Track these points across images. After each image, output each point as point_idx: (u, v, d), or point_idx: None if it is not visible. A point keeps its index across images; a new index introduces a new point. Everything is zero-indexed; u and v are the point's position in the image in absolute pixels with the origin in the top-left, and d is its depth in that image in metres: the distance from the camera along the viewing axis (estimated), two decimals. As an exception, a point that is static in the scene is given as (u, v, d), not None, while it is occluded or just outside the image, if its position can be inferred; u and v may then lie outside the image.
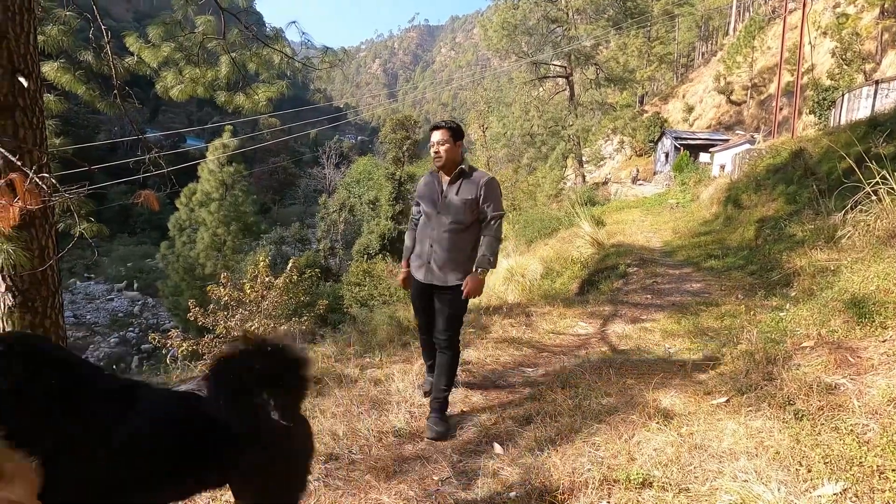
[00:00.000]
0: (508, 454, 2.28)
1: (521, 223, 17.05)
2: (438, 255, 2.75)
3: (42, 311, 3.61)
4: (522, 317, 4.81)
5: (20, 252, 3.31)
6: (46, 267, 3.62)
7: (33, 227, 3.49)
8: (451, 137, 2.75)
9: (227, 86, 5.81)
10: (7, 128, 3.45)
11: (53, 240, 3.69)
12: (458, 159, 2.79)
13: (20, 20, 3.51)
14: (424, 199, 2.87)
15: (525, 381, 3.27)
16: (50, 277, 3.70)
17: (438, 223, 2.76)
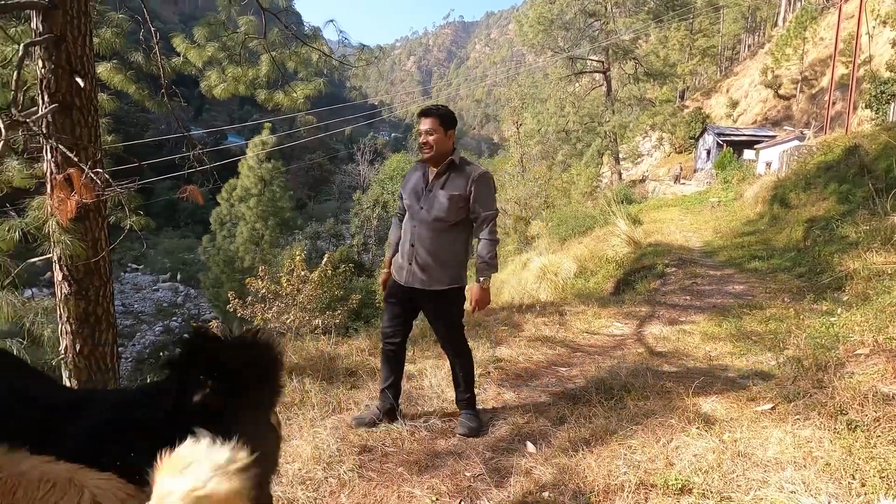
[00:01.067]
0: (542, 453, 2.26)
1: (554, 221, 16.82)
2: (421, 256, 2.49)
3: (94, 300, 3.80)
4: (556, 316, 4.75)
5: (76, 243, 3.49)
6: (99, 258, 3.81)
7: (87, 219, 3.68)
8: (440, 125, 2.47)
9: (268, 84, 5.96)
10: (65, 126, 3.64)
11: (105, 232, 3.88)
12: (448, 150, 2.51)
13: (78, 24, 3.70)
14: (407, 191, 2.60)
15: (558, 380, 3.23)
16: (102, 268, 3.89)
17: (420, 220, 2.50)
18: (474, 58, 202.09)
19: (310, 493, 2.00)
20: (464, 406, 2.64)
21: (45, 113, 3.59)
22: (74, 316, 3.74)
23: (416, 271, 2.50)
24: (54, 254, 3.61)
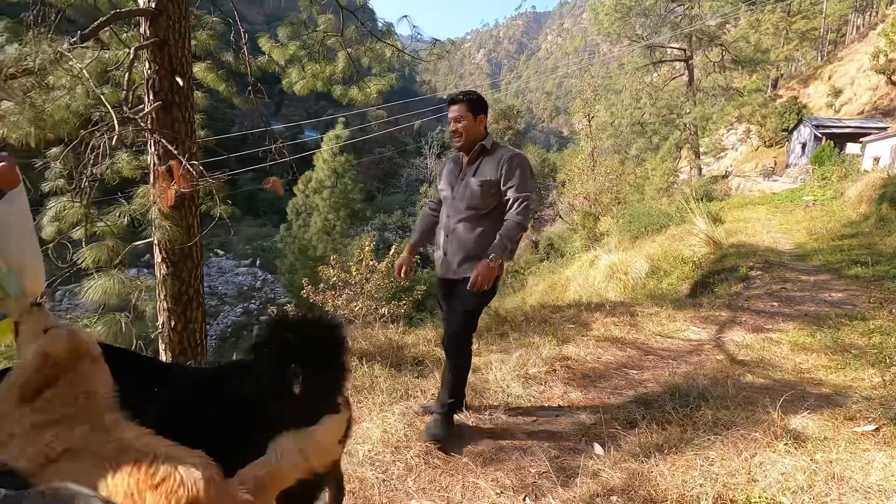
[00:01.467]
0: (610, 457, 2.19)
1: (625, 218, 16.14)
2: (453, 247, 2.42)
3: (187, 281, 4.15)
4: (627, 316, 4.57)
5: (174, 229, 3.81)
6: (193, 243, 4.15)
7: (183, 207, 4.00)
8: (469, 111, 2.39)
9: (343, 80, 6.18)
10: (166, 121, 3.98)
11: (198, 219, 4.21)
12: (479, 136, 2.42)
13: (178, 28, 4.02)
14: (443, 181, 2.54)
15: (629, 382, 3.11)
16: (195, 252, 4.23)
17: (454, 210, 2.42)
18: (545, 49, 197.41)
19: (378, 475, 2.08)
20: (439, 409, 2.43)
21: (150, 110, 3.94)
22: (170, 295, 4.09)
23: (450, 261, 2.43)
24: (155, 238, 3.97)
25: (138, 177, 4.31)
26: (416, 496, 1.97)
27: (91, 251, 3.55)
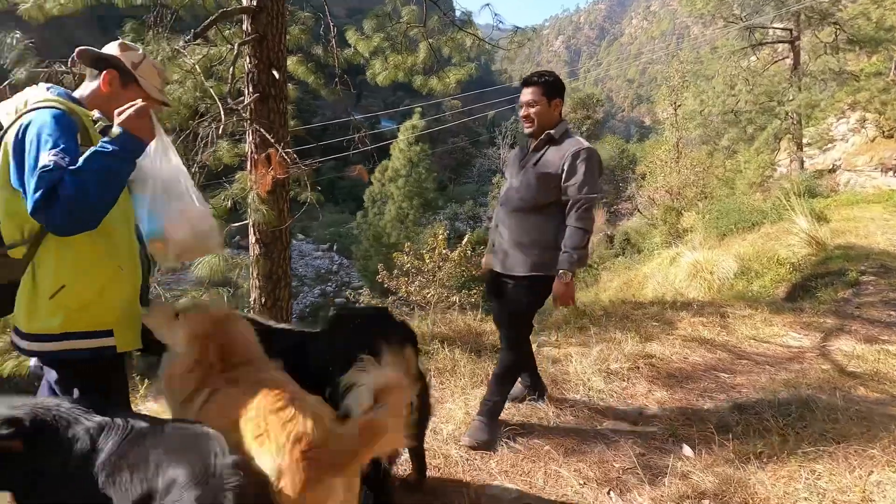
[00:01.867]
0: (701, 459, 2.09)
1: (713, 213, 15.10)
2: (505, 239, 2.27)
3: (277, 261, 4.43)
4: (716, 317, 4.30)
5: (269, 212, 4.08)
6: (283, 226, 4.43)
7: (276, 192, 4.27)
8: (543, 95, 2.18)
9: (423, 70, 6.27)
10: (263, 112, 4.26)
11: (288, 204, 4.49)
12: (551, 123, 2.20)
13: (276, 24, 4.27)
14: (508, 168, 2.39)
15: (719, 386, 2.94)
16: (284, 235, 4.51)
17: (509, 200, 2.27)
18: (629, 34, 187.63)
19: (462, 454, 2.13)
20: (483, 412, 2.31)
21: (249, 101, 4.23)
22: (262, 273, 4.40)
23: (499, 254, 2.29)
24: (251, 220, 4.27)
25: (236, 164, 4.66)
26: (499, 478, 2.00)
27: (200, 231, 3.88)
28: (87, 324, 1.46)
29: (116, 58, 1.61)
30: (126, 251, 1.57)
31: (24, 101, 1.48)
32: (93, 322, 1.47)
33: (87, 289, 1.45)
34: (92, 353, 1.47)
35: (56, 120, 1.39)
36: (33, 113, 1.41)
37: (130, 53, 1.64)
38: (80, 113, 1.50)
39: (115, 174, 1.39)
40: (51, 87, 1.57)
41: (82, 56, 1.66)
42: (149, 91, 1.64)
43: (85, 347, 1.45)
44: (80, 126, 1.46)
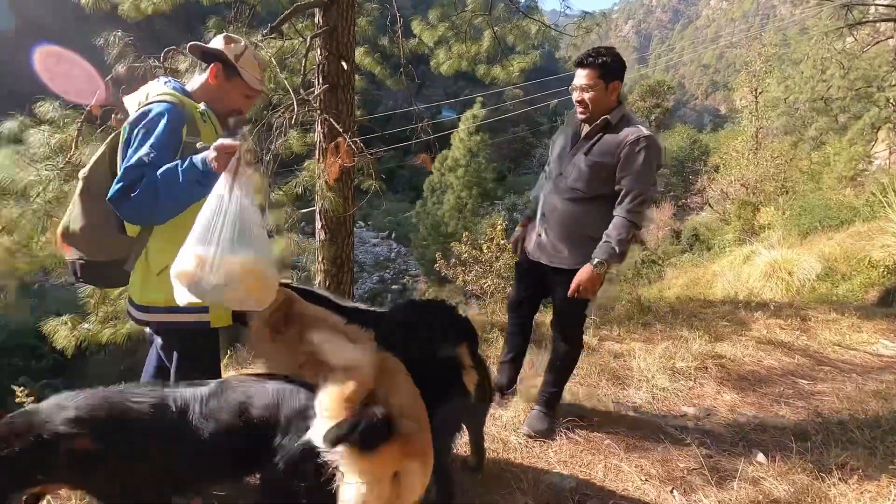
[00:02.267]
0: (775, 467, 1.98)
1: (794, 209, 14.00)
2: (551, 229, 2.14)
3: (341, 246, 4.60)
4: (795, 320, 4.01)
5: (336, 200, 4.25)
6: (348, 213, 4.59)
7: (341, 180, 4.43)
8: (600, 78, 1.99)
9: (487, 59, 6.23)
10: (332, 102, 4.41)
11: (353, 192, 4.64)
12: (608, 107, 2.02)
13: (346, 16, 4.39)
14: (554, 151, 2.21)
15: (797, 392, 2.76)
16: (349, 221, 4.67)
17: (557, 187, 2.12)
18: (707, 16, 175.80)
19: (520, 441, 2.15)
20: (541, 402, 2.27)
21: (319, 92, 4.39)
22: (327, 258, 4.58)
23: (545, 244, 2.15)
24: (318, 207, 4.45)
25: (304, 153, 4.87)
26: (557, 467, 2.00)
27: (273, 216, 4.11)
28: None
29: (221, 51, 1.72)
30: None
31: (146, 94, 1.67)
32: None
33: None
34: (189, 325, 1.63)
35: (164, 115, 1.55)
36: (149, 106, 1.58)
37: (233, 46, 1.73)
38: (190, 106, 1.65)
39: (184, 190, 1.49)
40: (168, 81, 1.73)
41: (193, 50, 1.81)
42: (249, 82, 1.74)
43: (184, 321, 1.62)
44: (189, 118, 1.61)
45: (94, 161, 1.66)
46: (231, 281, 1.41)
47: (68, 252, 1.65)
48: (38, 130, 3.67)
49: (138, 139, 1.53)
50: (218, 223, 1.41)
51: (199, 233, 1.43)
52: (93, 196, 1.61)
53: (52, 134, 3.71)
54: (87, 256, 1.63)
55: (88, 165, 1.66)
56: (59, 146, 3.69)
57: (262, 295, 1.49)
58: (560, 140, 2.22)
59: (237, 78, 1.72)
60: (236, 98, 1.77)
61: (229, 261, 1.40)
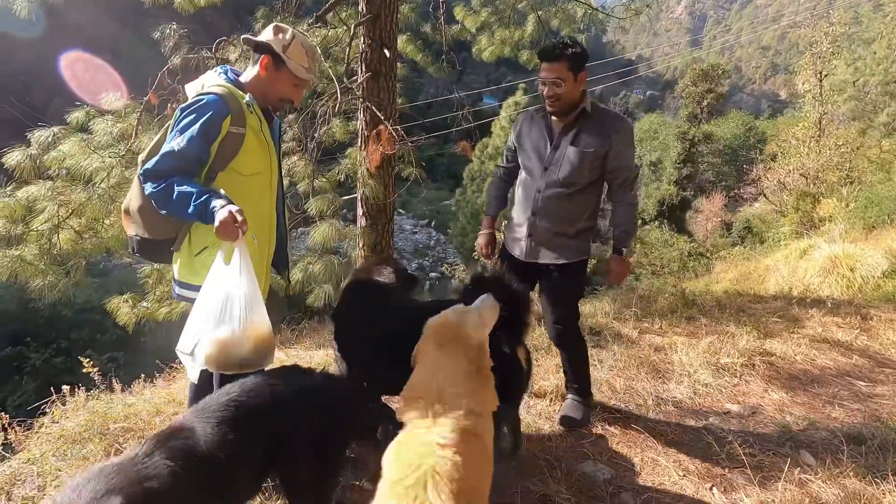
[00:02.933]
0: (824, 469, 1.89)
1: (860, 201, 13.07)
2: (545, 227, 2.13)
3: (381, 233, 4.67)
4: (855, 318, 3.78)
5: (377, 187, 4.31)
6: (389, 200, 4.64)
7: (382, 168, 4.48)
8: (569, 71, 2.00)
9: (530, 44, 6.11)
10: (374, 90, 4.44)
11: (392, 180, 4.68)
12: (577, 100, 2.05)
13: (389, 3, 4.40)
14: (527, 148, 2.16)
15: (853, 394, 2.61)
16: (389, 208, 4.73)
17: (545, 183, 2.10)
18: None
19: (555, 430, 2.15)
20: (574, 391, 2.28)
21: (362, 80, 4.44)
22: (367, 244, 4.65)
23: (540, 244, 2.15)
24: (360, 194, 4.53)
25: (347, 140, 4.94)
26: (592, 458, 1.99)
27: (317, 202, 4.22)
28: None
29: (269, 43, 1.77)
30: (264, 223, 1.81)
31: (202, 84, 1.76)
32: None
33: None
34: None
35: (209, 106, 1.64)
36: (201, 95, 1.67)
37: (281, 36, 1.77)
38: (238, 97, 1.73)
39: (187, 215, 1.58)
40: (223, 72, 1.81)
41: (247, 42, 1.88)
42: (295, 72, 1.78)
43: None
44: (236, 110, 1.68)
45: (151, 146, 1.77)
46: (260, 348, 1.56)
47: (128, 228, 1.78)
48: (102, 120, 3.91)
49: (182, 124, 1.64)
50: (232, 301, 1.54)
51: (214, 316, 1.54)
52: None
53: (114, 123, 3.94)
54: (144, 234, 1.74)
55: (146, 150, 1.77)
56: (121, 135, 3.92)
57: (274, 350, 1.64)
58: (529, 139, 2.19)
59: (284, 68, 1.77)
60: (286, 87, 1.82)
61: (253, 331, 1.54)
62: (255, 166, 1.76)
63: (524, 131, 2.23)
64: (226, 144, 1.67)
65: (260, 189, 1.80)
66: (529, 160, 2.18)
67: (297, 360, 2.64)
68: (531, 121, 2.22)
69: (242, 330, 1.52)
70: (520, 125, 2.26)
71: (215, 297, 1.56)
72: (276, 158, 1.87)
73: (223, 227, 1.50)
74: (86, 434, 1.95)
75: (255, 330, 1.56)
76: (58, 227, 3.60)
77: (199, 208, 1.55)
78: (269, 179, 1.83)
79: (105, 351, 11.71)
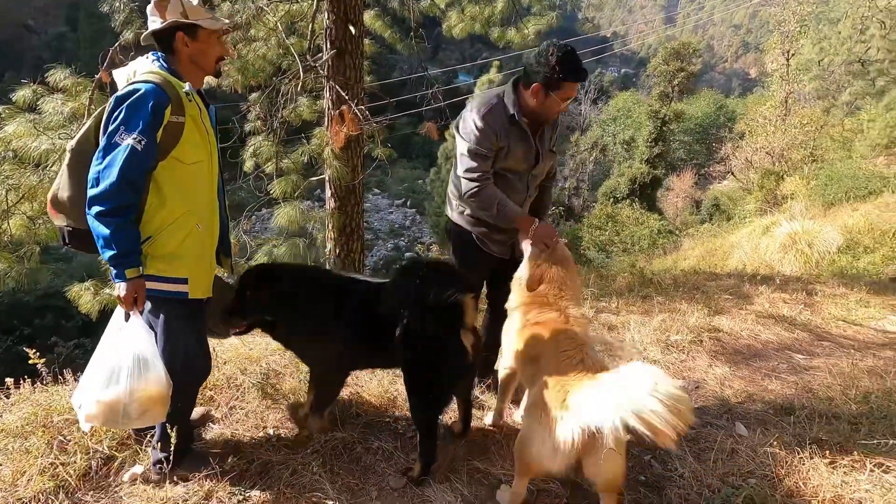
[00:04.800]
0: (754, 439, 2.02)
1: (821, 179, 13.54)
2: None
3: (350, 215, 4.63)
4: (801, 294, 3.97)
5: (343, 168, 4.25)
6: (357, 181, 4.60)
7: (349, 149, 4.42)
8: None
9: (501, 21, 6.04)
10: (339, 68, 4.35)
11: (361, 160, 4.63)
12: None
13: (353, -24, 4.27)
14: (517, 154, 2.10)
15: (791, 367, 2.77)
16: (357, 190, 4.69)
17: (531, 185, 2.21)
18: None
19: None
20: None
21: (327, 58, 4.34)
22: (336, 226, 4.62)
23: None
24: (327, 175, 4.48)
25: (315, 120, 4.85)
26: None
27: (280, 184, 4.15)
28: (165, 270, 1.71)
29: (168, 24, 1.67)
30: (206, 211, 1.79)
31: (134, 70, 1.70)
32: (170, 270, 1.71)
33: (169, 242, 1.70)
34: (169, 295, 1.73)
35: (148, 97, 1.59)
36: (136, 85, 1.61)
37: (171, 7, 1.66)
38: (176, 85, 1.67)
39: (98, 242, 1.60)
40: (156, 59, 1.73)
41: (149, 40, 1.78)
42: (211, 27, 1.72)
43: (163, 289, 1.71)
44: (174, 98, 1.63)
45: (81, 133, 1.71)
46: (147, 410, 1.62)
47: (56, 218, 1.74)
48: (51, 99, 3.73)
49: (121, 116, 1.58)
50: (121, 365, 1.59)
51: (103, 377, 1.59)
52: (79, 167, 1.67)
53: (65, 102, 3.77)
54: (76, 224, 1.70)
55: (76, 137, 1.72)
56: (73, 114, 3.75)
57: (166, 409, 1.68)
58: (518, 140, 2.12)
59: (200, 31, 1.71)
60: (212, 48, 1.77)
61: (143, 393, 1.60)
62: (196, 155, 1.73)
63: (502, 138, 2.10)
64: (167, 134, 1.63)
65: (201, 177, 1.77)
66: (518, 164, 2.16)
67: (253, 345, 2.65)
68: (503, 125, 2.09)
69: (129, 394, 1.58)
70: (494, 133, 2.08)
71: (108, 357, 1.61)
72: (215, 146, 1.84)
73: (124, 300, 1.60)
74: (28, 427, 1.94)
75: (145, 392, 1.61)
76: (8, 213, 3.47)
77: (114, 262, 1.58)
78: (210, 167, 1.80)
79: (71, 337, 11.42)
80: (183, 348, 1.77)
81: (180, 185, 1.69)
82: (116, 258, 1.58)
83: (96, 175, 1.57)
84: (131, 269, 1.60)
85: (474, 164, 2.05)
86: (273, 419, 2.16)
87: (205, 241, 1.80)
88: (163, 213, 1.69)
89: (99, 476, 1.84)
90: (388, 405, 2.29)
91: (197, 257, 1.77)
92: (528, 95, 2.06)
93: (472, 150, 2.06)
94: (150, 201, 1.67)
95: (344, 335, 1.95)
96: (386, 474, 1.89)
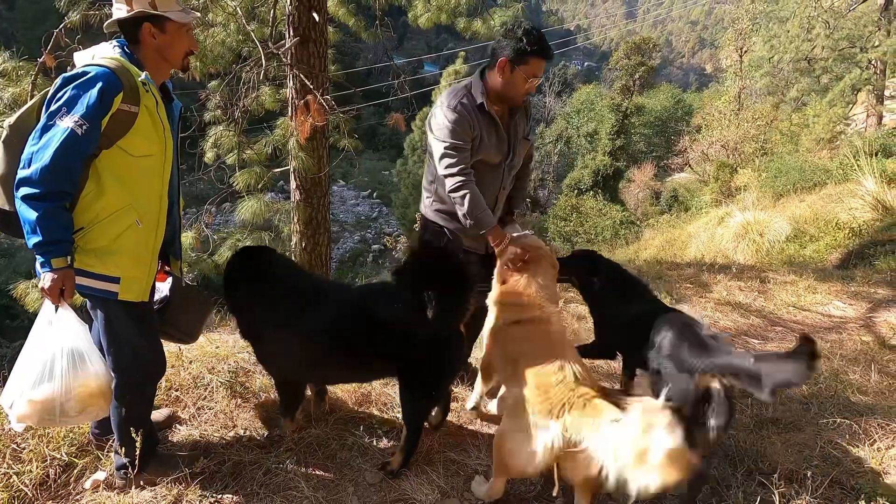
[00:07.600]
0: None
1: (771, 171, 14.21)
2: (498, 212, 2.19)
3: (317, 207, 4.55)
4: (755, 282, 4.17)
5: (308, 159, 4.15)
6: (323, 173, 4.51)
7: (315, 139, 4.32)
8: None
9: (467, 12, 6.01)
10: (303, 56, 4.23)
11: (327, 151, 4.54)
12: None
13: (316, -39, 4.15)
14: (490, 146, 2.05)
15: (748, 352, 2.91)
16: (324, 181, 4.60)
17: (506, 177, 2.17)
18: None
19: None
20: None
21: (290, 45, 4.21)
22: (302, 219, 4.52)
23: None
24: (292, 166, 4.37)
25: (278, 109, 4.71)
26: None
27: (243, 176, 4.01)
28: (95, 266, 1.59)
29: (135, 14, 1.59)
30: (151, 208, 1.66)
31: (93, 55, 1.59)
32: (100, 266, 1.59)
33: (102, 236, 1.58)
34: (96, 293, 1.61)
35: (97, 81, 1.50)
36: (86, 67, 1.52)
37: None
38: (133, 73, 1.58)
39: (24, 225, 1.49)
40: (118, 45, 1.63)
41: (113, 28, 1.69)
42: (180, 20, 1.64)
43: (90, 286, 1.60)
44: (129, 86, 1.54)
45: (23, 111, 1.60)
46: (87, 405, 1.55)
47: None
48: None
49: (66, 97, 1.49)
50: (54, 360, 1.50)
51: (35, 375, 1.50)
52: (16, 146, 1.55)
53: (5, 87, 3.53)
54: (4, 206, 1.59)
55: (16, 114, 1.60)
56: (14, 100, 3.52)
57: (108, 403, 1.61)
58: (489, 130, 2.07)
59: (167, 24, 1.62)
60: (180, 41, 1.69)
61: (82, 389, 1.53)
62: (146, 148, 1.62)
63: (475, 128, 2.03)
64: (115, 121, 1.53)
65: (150, 172, 1.65)
66: (491, 157, 2.10)
67: (220, 343, 2.58)
68: (472, 115, 2.03)
69: (65, 392, 1.50)
70: (468, 123, 2.01)
71: (38, 353, 1.52)
72: (171, 142, 1.71)
73: (49, 291, 1.50)
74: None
75: (84, 388, 1.54)
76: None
77: (40, 249, 1.47)
78: (162, 163, 1.68)
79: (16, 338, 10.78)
80: (130, 349, 1.66)
81: (123, 178, 1.58)
82: (42, 245, 1.46)
83: (30, 155, 1.46)
84: (58, 259, 1.48)
85: (454, 159, 1.99)
86: (243, 418, 2.10)
87: (146, 241, 1.66)
88: (99, 203, 1.56)
89: (58, 485, 1.75)
90: (363, 400, 2.28)
91: (134, 257, 1.63)
92: (495, 74, 2.00)
93: (448, 145, 1.99)
94: (87, 189, 1.55)
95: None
96: (362, 469, 1.88)
